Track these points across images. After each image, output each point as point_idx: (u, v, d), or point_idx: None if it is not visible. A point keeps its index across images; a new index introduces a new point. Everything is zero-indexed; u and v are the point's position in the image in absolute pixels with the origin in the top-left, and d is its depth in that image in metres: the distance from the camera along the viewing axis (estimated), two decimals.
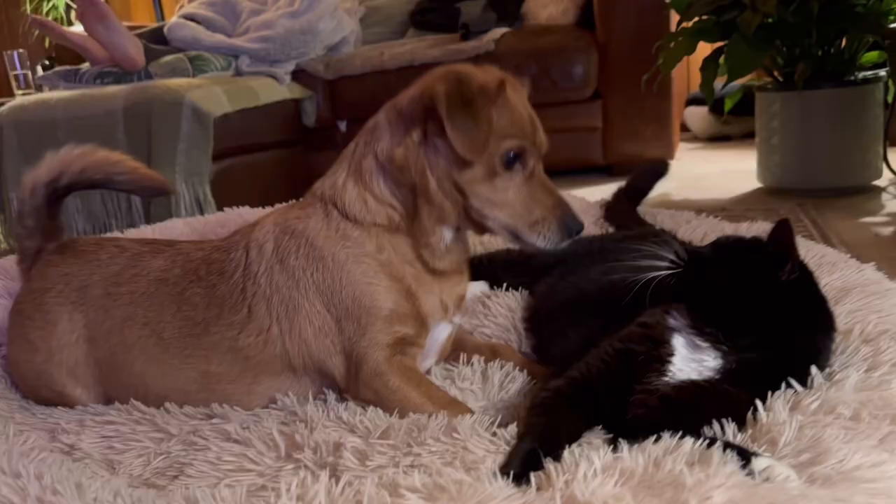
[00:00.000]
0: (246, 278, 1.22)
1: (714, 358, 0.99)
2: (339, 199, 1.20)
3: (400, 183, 1.18)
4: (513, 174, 1.14)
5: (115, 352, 1.27)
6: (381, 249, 1.19)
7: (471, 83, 1.10)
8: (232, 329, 1.21)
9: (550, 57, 3.53)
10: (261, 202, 2.17)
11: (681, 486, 0.74)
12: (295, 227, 1.22)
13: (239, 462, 1.00)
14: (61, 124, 2.97)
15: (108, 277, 1.30)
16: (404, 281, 1.19)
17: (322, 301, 1.18)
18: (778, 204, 2.78)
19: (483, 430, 1.00)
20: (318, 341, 1.18)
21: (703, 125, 4.67)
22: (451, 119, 1.07)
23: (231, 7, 3.97)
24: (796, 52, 2.88)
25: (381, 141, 1.19)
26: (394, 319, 1.17)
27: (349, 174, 1.21)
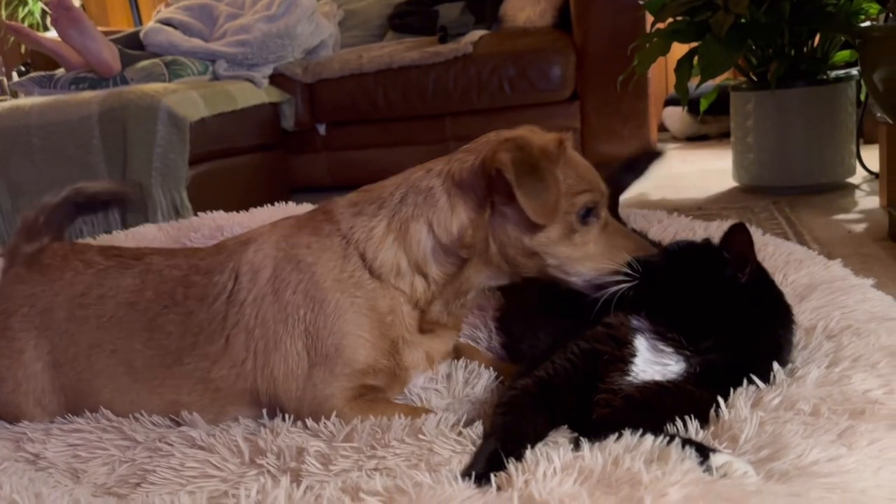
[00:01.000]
0: (230, 306, 1.15)
1: (677, 362, 0.99)
2: (369, 251, 1.14)
3: (458, 258, 1.13)
4: (589, 227, 1.13)
5: (81, 379, 1.21)
6: (392, 311, 1.14)
7: (532, 148, 1.08)
8: (206, 360, 1.16)
9: (528, 59, 3.54)
10: (239, 206, 2.16)
11: (637, 484, 0.74)
12: (303, 258, 1.15)
13: (202, 468, 1.00)
14: (36, 130, 2.94)
15: (73, 298, 1.23)
16: (395, 342, 1.15)
17: (304, 343, 1.12)
18: (753, 202, 2.80)
19: (448, 429, 1.00)
20: (285, 384, 1.13)
21: (681, 125, 4.70)
22: (521, 186, 1.04)
23: (208, 11, 3.95)
24: (769, 52, 2.91)
25: (438, 212, 1.13)
26: (367, 373, 1.14)
27: (390, 230, 1.15)
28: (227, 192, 3.27)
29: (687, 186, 3.23)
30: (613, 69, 3.18)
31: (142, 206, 2.78)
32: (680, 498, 0.72)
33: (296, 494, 0.82)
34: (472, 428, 1.01)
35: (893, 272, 1.87)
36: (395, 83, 3.69)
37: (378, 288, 1.14)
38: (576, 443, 0.92)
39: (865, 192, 2.87)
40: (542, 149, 1.08)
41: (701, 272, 1.04)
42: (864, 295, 1.30)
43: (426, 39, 3.94)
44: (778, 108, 2.87)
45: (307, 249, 1.15)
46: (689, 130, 4.68)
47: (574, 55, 3.51)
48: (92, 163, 2.88)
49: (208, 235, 1.86)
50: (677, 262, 1.07)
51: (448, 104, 3.66)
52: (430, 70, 3.64)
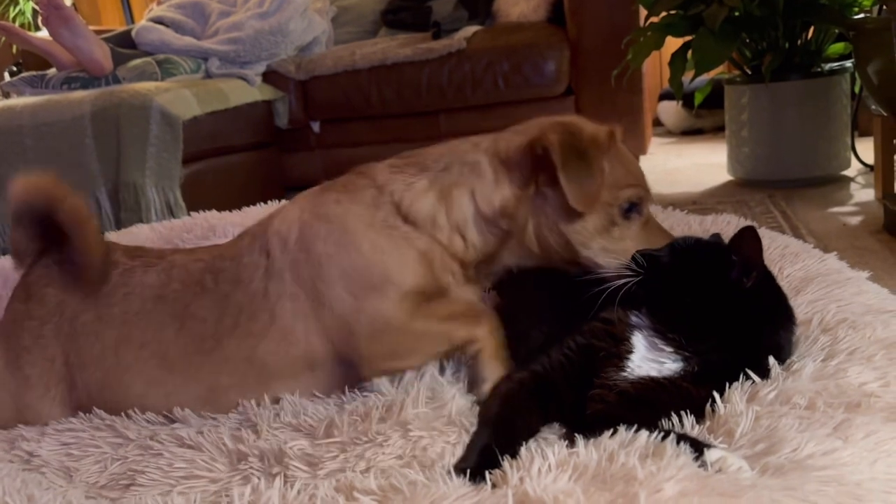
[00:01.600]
0: (269, 280, 1.12)
1: (674, 361, 0.99)
2: (405, 200, 1.12)
3: (497, 231, 1.13)
4: (630, 223, 1.13)
5: (109, 375, 1.18)
6: (430, 251, 1.12)
7: (582, 134, 1.08)
8: (250, 338, 1.12)
9: (522, 54, 3.53)
10: (234, 205, 2.15)
11: (632, 480, 0.73)
12: (331, 211, 1.13)
13: (189, 469, 0.99)
14: (28, 131, 2.93)
15: (100, 299, 1.21)
16: (441, 280, 1.13)
17: (344, 285, 1.09)
18: (748, 196, 2.80)
19: (443, 425, 0.99)
20: (339, 332, 1.10)
21: (676, 119, 4.69)
22: (566, 170, 1.04)
23: (200, 9, 3.93)
24: (763, 45, 2.90)
25: (482, 184, 1.13)
26: (419, 293, 1.11)
27: (430, 189, 1.14)
28: (221, 190, 3.26)
29: (682, 180, 3.23)
30: (608, 64, 3.18)
31: (135, 206, 2.77)
32: (675, 493, 0.71)
33: (289, 494, 0.82)
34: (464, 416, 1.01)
35: (889, 265, 1.87)
36: (389, 80, 3.68)
37: (412, 231, 1.12)
38: (570, 439, 0.91)
39: (860, 184, 2.87)
40: (592, 136, 1.08)
41: (706, 272, 1.02)
42: (860, 288, 1.29)
43: (419, 35, 3.93)
44: (772, 102, 2.87)
45: (336, 204, 1.13)
46: (683, 124, 4.68)
47: (568, 50, 3.50)
48: (85, 162, 2.87)
49: (201, 235, 1.85)
50: (683, 259, 1.06)
51: (442, 100, 3.65)
52: (423, 66, 3.63)
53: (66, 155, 2.88)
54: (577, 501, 0.70)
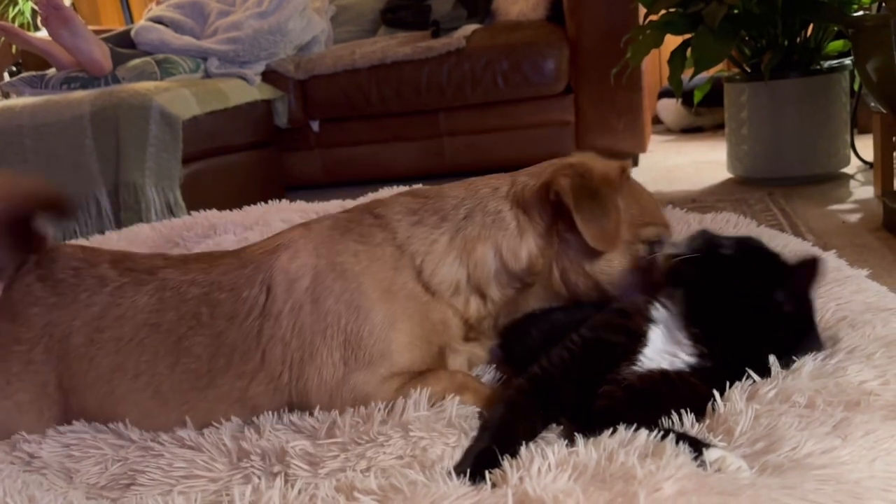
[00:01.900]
0: (264, 319, 1.10)
1: (689, 355, 0.98)
2: (427, 266, 1.10)
3: (520, 282, 1.12)
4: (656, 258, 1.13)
5: (104, 403, 1.16)
6: (443, 323, 1.12)
7: (592, 174, 1.08)
8: (242, 379, 1.11)
9: (521, 52, 3.54)
10: (234, 204, 2.15)
11: (631, 479, 0.74)
12: (349, 266, 1.09)
13: (189, 469, 0.99)
14: (28, 131, 2.93)
15: (91, 321, 1.16)
16: (442, 349, 1.13)
17: (342, 354, 1.07)
18: (748, 193, 2.80)
19: (443, 427, 0.99)
20: (317, 395, 1.09)
21: (676, 117, 4.70)
22: (580, 212, 1.04)
23: (199, 9, 3.94)
24: (762, 43, 2.90)
25: (507, 236, 1.11)
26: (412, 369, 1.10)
27: (453, 246, 1.11)
28: (221, 190, 3.26)
29: (681, 178, 3.23)
30: (607, 62, 3.18)
31: (135, 206, 2.77)
32: (674, 492, 0.71)
33: (290, 494, 0.82)
34: (465, 422, 1.01)
35: (888, 262, 1.87)
36: (389, 79, 3.68)
37: (431, 301, 1.10)
38: (570, 438, 0.91)
39: (860, 182, 2.88)
40: (603, 175, 1.08)
41: (754, 279, 1.01)
42: (859, 286, 1.29)
43: (419, 34, 3.93)
44: (772, 99, 2.87)
45: (354, 258, 1.10)
46: (683, 122, 4.68)
47: (567, 48, 3.51)
48: (84, 163, 2.87)
49: (201, 234, 1.85)
50: (741, 258, 1.04)
51: (442, 99, 3.66)
52: (423, 65, 3.63)
53: (65, 155, 2.89)
54: (577, 501, 0.70)
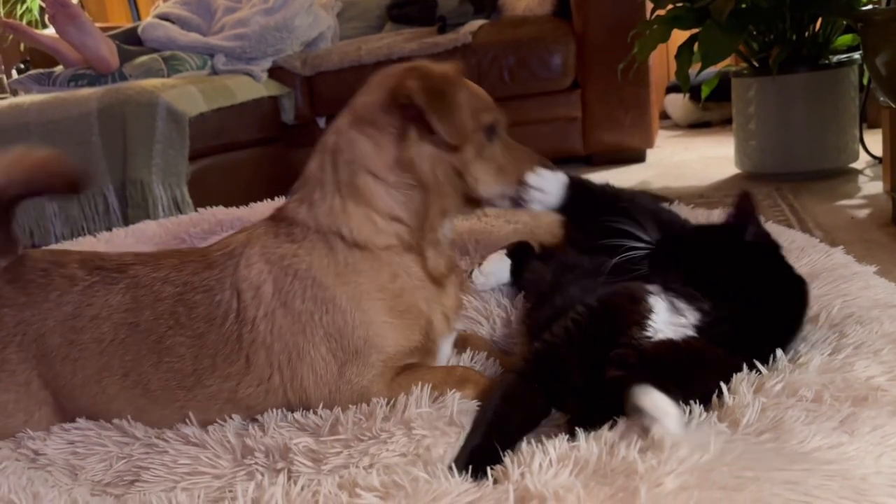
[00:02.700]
0: (241, 325, 1.12)
1: (693, 315, 1.00)
2: (343, 226, 1.13)
3: (409, 186, 1.14)
4: (494, 144, 1.19)
5: (98, 403, 1.17)
6: (395, 277, 1.14)
7: (434, 74, 1.11)
8: (229, 380, 1.13)
9: (528, 48, 3.53)
10: (240, 201, 2.16)
11: (633, 474, 0.73)
12: (297, 266, 1.13)
13: (193, 465, 0.99)
14: (35, 128, 2.94)
15: (64, 321, 1.17)
16: (419, 307, 1.15)
17: (328, 346, 1.11)
18: (755, 189, 2.79)
19: (444, 424, 0.99)
20: (316, 390, 1.11)
21: (683, 112, 4.67)
22: (434, 111, 1.07)
23: (206, 6, 3.94)
24: (770, 37, 2.88)
25: (368, 157, 1.14)
26: (404, 354, 1.13)
27: (344, 196, 1.14)
28: (227, 187, 3.26)
29: (689, 174, 3.22)
30: (614, 57, 3.17)
31: (143, 202, 2.78)
32: (675, 487, 0.71)
33: (293, 491, 0.82)
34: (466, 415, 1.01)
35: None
36: None
37: (373, 262, 1.13)
38: (571, 432, 0.91)
39: (869, 177, 2.86)
40: (443, 75, 1.12)
41: (715, 239, 1.08)
42: (867, 282, 1.28)
43: (425, 30, 3.93)
44: (780, 94, 2.85)
45: (297, 258, 1.14)
46: (691, 117, 4.66)
47: (574, 43, 3.49)
48: (92, 160, 2.88)
49: (208, 230, 1.85)
50: (695, 233, 1.12)
51: None
52: (430, 60, 3.62)
53: (73, 152, 2.89)
54: (578, 496, 0.70)
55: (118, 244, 1.83)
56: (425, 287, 1.17)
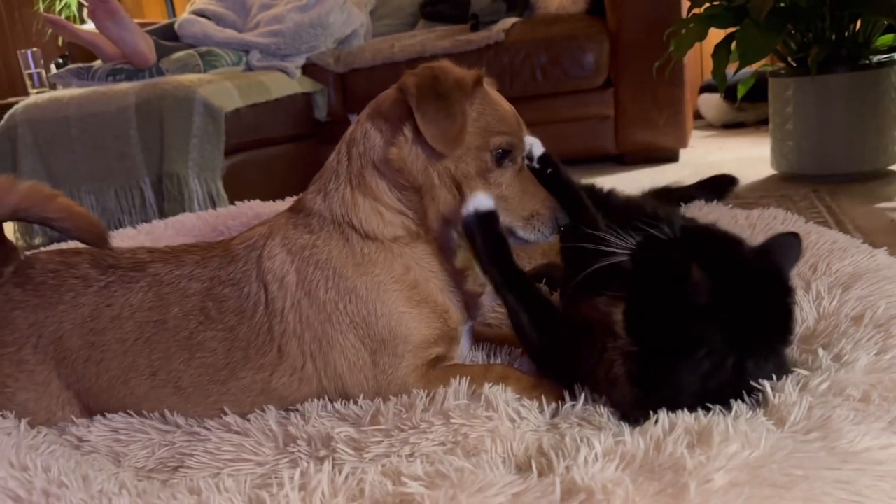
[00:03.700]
0: (271, 316, 1.13)
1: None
2: (354, 217, 1.15)
3: (403, 186, 1.15)
4: (504, 171, 1.16)
5: (126, 403, 1.18)
6: (408, 269, 1.15)
7: (446, 77, 1.11)
8: (262, 371, 1.14)
9: (561, 46, 3.51)
10: (273, 196, 2.18)
11: (681, 469, 0.73)
12: (317, 256, 1.14)
13: (237, 452, 1.01)
14: (74, 122, 2.99)
15: (83, 323, 1.16)
16: (434, 297, 1.16)
17: (356, 334, 1.12)
18: (792, 190, 2.75)
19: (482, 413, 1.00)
20: (352, 376, 1.13)
21: (717, 112, 4.62)
22: (421, 110, 1.07)
23: (241, 2, 3.98)
24: (809, 37, 2.84)
25: (375, 149, 1.16)
26: (429, 343, 1.14)
27: (354, 188, 1.16)
28: (260, 182, 3.30)
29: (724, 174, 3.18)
30: (648, 55, 3.15)
31: (179, 196, 2.82)
32: (725, 483, 0.71)
33: (338, 479, 0.82)
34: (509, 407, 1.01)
35: None
36: None
37: (386, 254, 1.14)
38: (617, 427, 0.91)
39: None
40: (456, 79, 1.11)
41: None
42: None
43: (458, 28, 3.93)
44: (818, 95, 2.81)
45: (316, 248, 1.15)
46: (725, 117, 4.60)
47: (608, 42, 3.48)
48: (129, 153, 2.93)
49: (246, 223, 1.87)
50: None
51: None
52: (461, 58, 3.59)
53: (111, 145, 2.95)
54: (626, 491, 0.70)
55: (158, 236, 1.86)
56: (438, 277, 1.17)
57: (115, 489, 0.89)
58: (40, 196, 1.22)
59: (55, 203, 1.22)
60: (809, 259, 1.41)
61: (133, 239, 1.85)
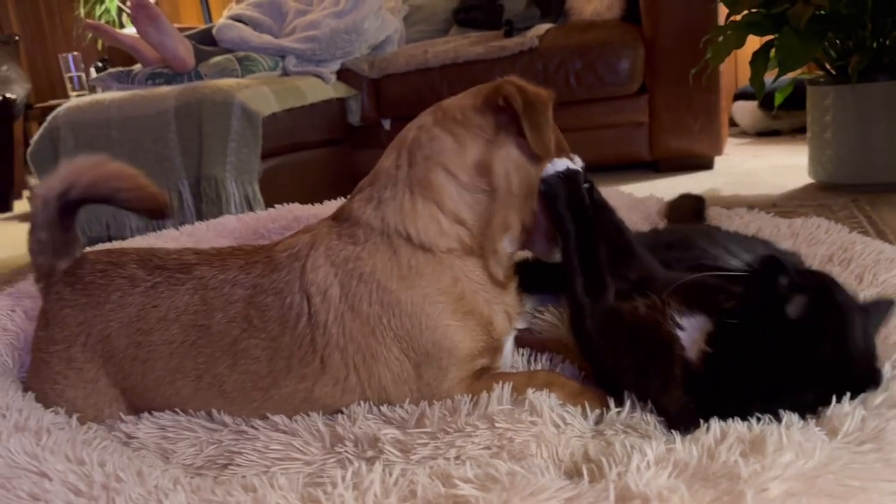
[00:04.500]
0: (314, 328, 1.13)
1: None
2: (410, 225, 1.14)
3: (481, 191, 1.15)
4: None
5: (172, 403, 1.21)
6: (456, 281, 1.14)
7: (530, 88, 1.14)
8: (305, 381, 1.14)
9: (596, 52, 3.51)
10: (307, 200, 2.20)
11: (736, 478, 0.73)
12: (361, 269, 1.14)
13: (286, 451, 1.03)
14: (115, 124, 3.05)
15: (130, 323, 1.18)
16: (480, 311, 1.15)
17: (400, 347, 1.12)
18: (831, 200, 2.72)
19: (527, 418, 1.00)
20: (396, 388, 1.13)
21: (752, 120, 4.59)
22: (529, 117, 1.10)
23: (277, 8, 4.02)
24: (850, 45, 2.81)
25: (448, 153, 1.15)
26: (474, 355, 1.14)
27: (414, 193, 1.15)
28: (295, 185, 3.33)
29: (760, 182, 3.16)
30: (684, 62, 3.13)
31: (216, 198, 2.85)
32: (781, 493, 0.70)
33: (389, 480, 0.83)
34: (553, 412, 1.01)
35: None
36: (460, 77, 3.69)
37: (435, 266, 1.14)
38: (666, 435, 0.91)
39: None
40: (537, 91, 1.15)
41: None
42: None
43: (491, 34, 3.94)
44: (858, 103, 2.78)
45: (360, 260, 1.14)
46: (760, 125, 4.56)
47: (643, 48, 3.46)
48: (168, 156, 2.97)
49: (285, 226, 1.90)
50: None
51: None
52: (495, 64, 3.64)
53: (150, 148, 2.99)
54: (682, 498, 0.70)
55: (200, 237, 1.89)
56: (486, 289, 1.17)
57: (169, 485, 0.90)
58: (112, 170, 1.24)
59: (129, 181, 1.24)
60: (855, 270, 1.40)
61: (175, 240, 1.88)
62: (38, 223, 1.24)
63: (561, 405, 1.06)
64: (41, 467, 0.93)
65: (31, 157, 3.19)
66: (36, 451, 0.97)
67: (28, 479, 0.90)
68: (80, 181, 1.22)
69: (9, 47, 5.83)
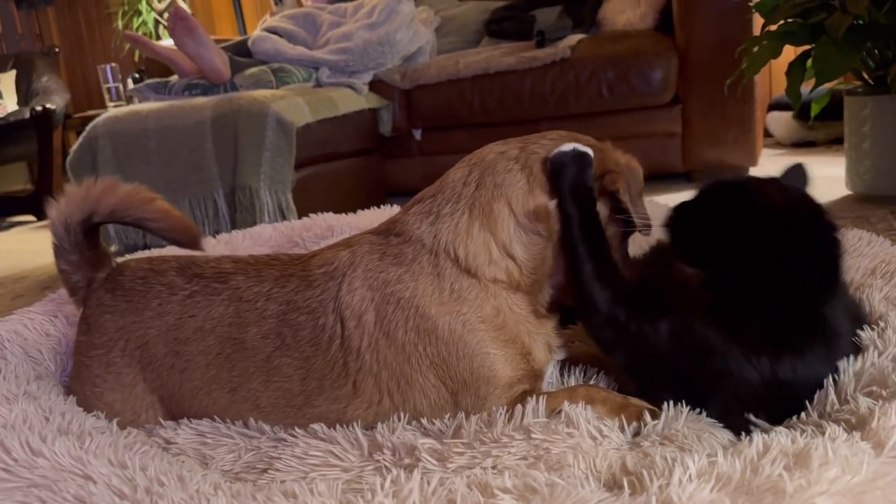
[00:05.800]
0: (347, 353, 1.12)
1: None
2: (460, 246, 1.12)
3: (536, 234, 1.14)
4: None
5: (208, 413, 1.21)
6: (498, 312, 1.12)
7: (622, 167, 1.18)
8: (338, 402, 1.14)
9: (628, 62, 3.50)
10: (339, 209, 2.22)
11: (781, 493, 0.72)
12: (400, 294, 1.11)
13: (325, 458, 1.03)
14: (152, 134, 3.10)
15: (168, 332, 1.20)
16: (521, 340, 1.13)
17: (436, 374, 1.11)
18: (869, 211, 2.68)
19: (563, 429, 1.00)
20: (433, 414, 1.12)
21: (787, 131, 4.53)
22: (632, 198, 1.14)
23: (311, 20, 4.07)
24: (889, 55, 2.77)
25: (517, 191, 1.13)
26: (514, 383, 1.12)
27: (473, 217, 1.13)
28: (328, 195, 3.36)
29: None
30: (718, 73, 3.11)
31: (250, 208, 2.89)
32: None
33: (427, 489, 0.83)
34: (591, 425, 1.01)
35: None
36: (492, 88, 3.71)
37: (479, 293, 1.11)
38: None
39: None
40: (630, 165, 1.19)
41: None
42: None
43: (523, 44, 3.94)
44: None
45: (401, 284, 1.12)
46: (795, 136, 4.50)
47: (676, 58, 3.44)
48: (204, 166, 3.02)
49: (319, 235, 1.92)
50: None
51: (544, 109, 3.65)
52: (526, 75, 3.64)
53: (186, 157, 3.04)
54: None
55: (236, 246, 1.92)
56: (529, 321, 1.15)
57: (210, 490, 0.91)
58: (139, 198, 1.26)
59: (154, 205, 1.27)
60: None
61: (213, 249, 1.91)
62: (65, 247, 1.27)
63: (598, 418, 1.05)
64: (86, 470, 0.94)
65: (70, 167, 3.26)
66: (80, 455, 0.98)
67: (73, 482, 0.92)
68: (100, 209, 1.25)
69: (49, 59, 5.97)
